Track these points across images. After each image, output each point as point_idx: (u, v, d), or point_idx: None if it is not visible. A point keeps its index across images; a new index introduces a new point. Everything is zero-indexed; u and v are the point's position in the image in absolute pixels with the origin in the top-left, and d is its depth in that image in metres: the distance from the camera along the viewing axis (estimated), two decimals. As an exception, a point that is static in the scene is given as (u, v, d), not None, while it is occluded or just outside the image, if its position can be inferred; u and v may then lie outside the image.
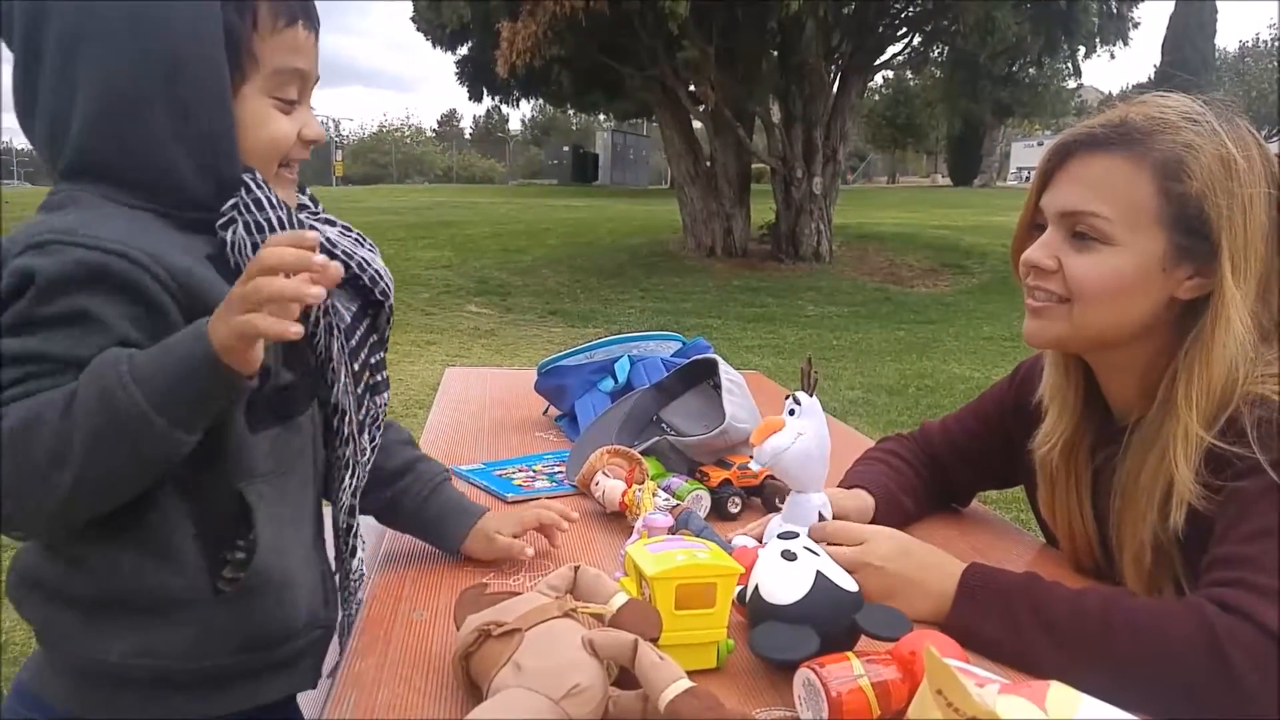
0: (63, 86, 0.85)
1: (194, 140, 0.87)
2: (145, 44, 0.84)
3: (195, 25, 0.85)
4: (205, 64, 0.86)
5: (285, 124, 0.93)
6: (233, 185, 0.89)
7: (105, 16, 0.84)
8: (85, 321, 0.79)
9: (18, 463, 0.75)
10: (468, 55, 14.30)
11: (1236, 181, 1.00)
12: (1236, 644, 0.85)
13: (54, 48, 0.85)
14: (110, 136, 0.85)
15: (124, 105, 0.85)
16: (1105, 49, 12.47)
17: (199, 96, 0.86)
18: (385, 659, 0.94)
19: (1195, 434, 1.00)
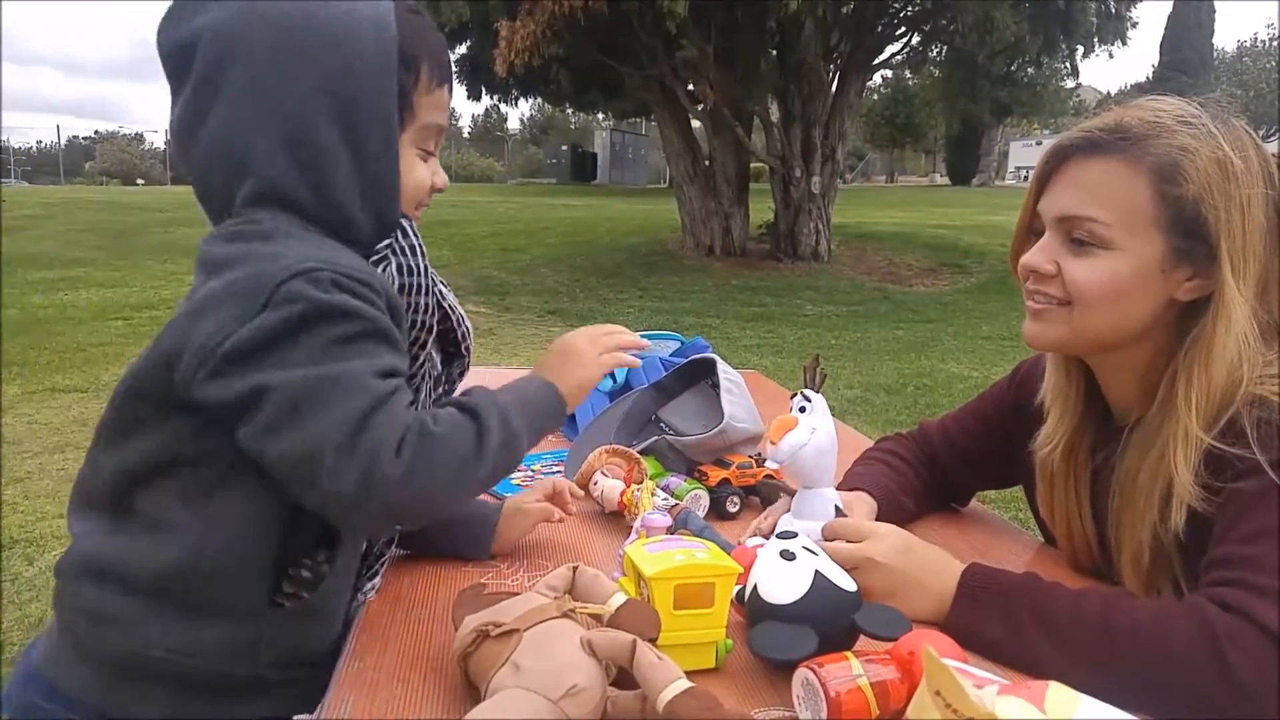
0: (243, 121, 0.91)
1: (366, 182, 0.95)
2: (332, 91, 0.91)
3: (377, 78, 0.93)
4: (382, 114, 0.94)
5: (424, 172, 1.02)
6: (390, 226, 0.98)
7: (294, 63, 0.90)
8: (389, 336, 0.89)
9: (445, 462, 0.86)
10: (466, 54, 14.27)
11: (1233, 183, 1.00)
12: (1237, 644, 0.85)
13: (238, 85, 0.90)
14: (296, 172, 0.92)
15: (309, 145, 0.91)
16: (1104, 49, 12.48)
17: (374, 143, 0.94)
18: (383, 659, 0.94)
19: (1195, 435, 1.00)
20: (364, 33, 0.92)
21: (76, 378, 6.60)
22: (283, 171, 0.91)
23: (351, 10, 0.93)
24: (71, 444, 5.03)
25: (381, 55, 0.93)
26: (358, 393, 0.83)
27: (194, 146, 0.94)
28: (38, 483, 4.41)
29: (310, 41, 0.91)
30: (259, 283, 0.84)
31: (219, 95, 0.91)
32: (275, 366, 0.83)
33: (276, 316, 0.83)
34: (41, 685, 0.95)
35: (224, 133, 0.92)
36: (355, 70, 0.92)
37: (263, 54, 0.90)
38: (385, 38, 0.93)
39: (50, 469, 4.61)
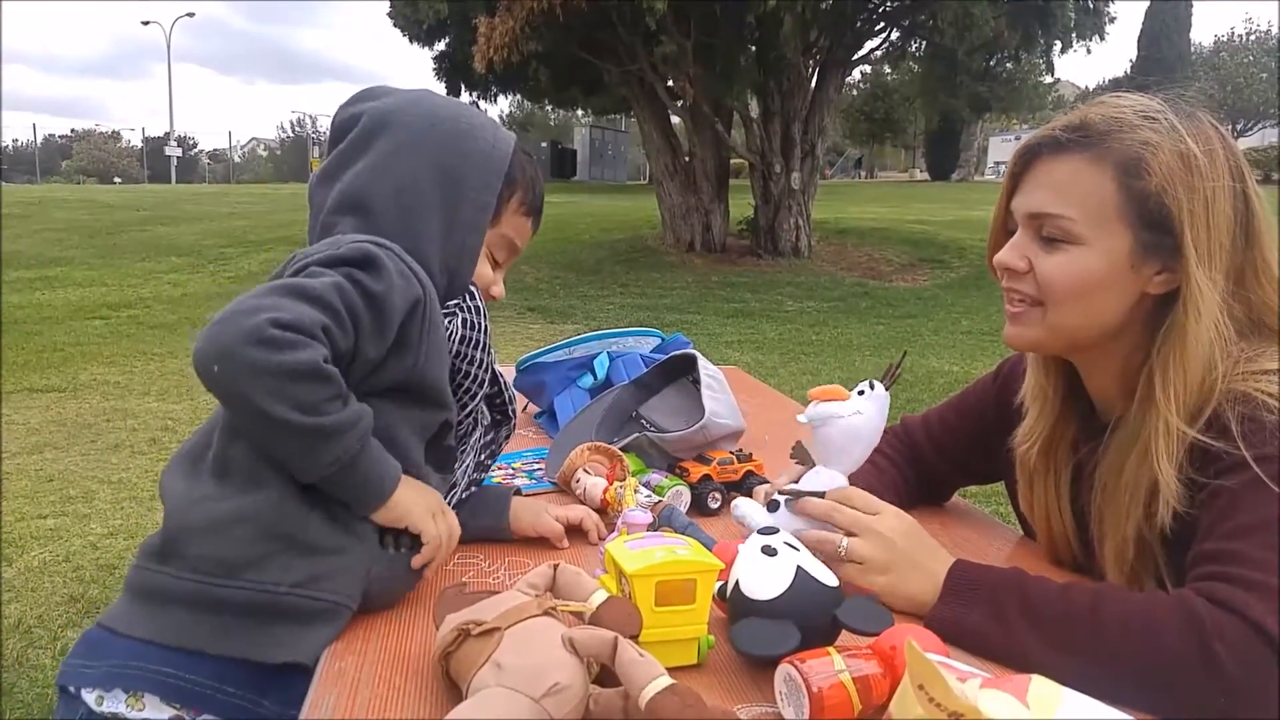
0: (373, 175, 1.10)
1: (450, 247, 1.12)
2: (446, 172, 1.11)
3: (484, 175, 1.14)
4: (479, 202, 1.13)
5: (488, 270, 1.20)
6: (460, 288, 1.14)
7: (430, 144, 1.11)
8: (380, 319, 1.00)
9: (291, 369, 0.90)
10: (445, 51, 14.21)
11: (1197, 176, 1.01)
12: (1225, 639, 0.85)
13: (383, 147, 1.11)
14: (398, 220, 1.09)
15: (416, 204, 1.10)
16: (1081, 44, 12.57)
17: (466, 220, 1.13)
18: (365, 658, 0.94)
19: (1176, 429, 1.00)
20: (485, 141, 1.14)
21: (54, 378, 6.55)
22: (387, 216, 1.09)
23: (486, 125, 1.16)
24: (50, 444, 4.99)
25: (494, 161, 1.14)
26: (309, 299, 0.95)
27: (326, 190, 1.12)
28: (15, 483, 4.36)
29: (445, 133, 1.12)
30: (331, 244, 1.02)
31: (363, 157, 1.11)
32: None
33: None
34: (154, 654, 0.95)
35: (354, 182, 1.10)
36: (469, 162, 1.13)
37: (407, 132, 1.11)
38: (500, 151, 1.15)
39: (28, 469, 4.57)
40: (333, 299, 0.94)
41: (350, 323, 0.96)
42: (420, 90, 1.20)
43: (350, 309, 0.95)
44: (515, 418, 1.30)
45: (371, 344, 0.99)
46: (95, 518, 3.96)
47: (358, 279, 0.97)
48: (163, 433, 5.24)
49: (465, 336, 1.13)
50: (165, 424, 5.41)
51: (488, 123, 1.18)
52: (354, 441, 0.96)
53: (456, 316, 1.12)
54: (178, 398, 6.05)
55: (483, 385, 1.17)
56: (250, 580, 0.95)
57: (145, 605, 0.98)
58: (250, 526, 0.97)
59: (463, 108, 1.18)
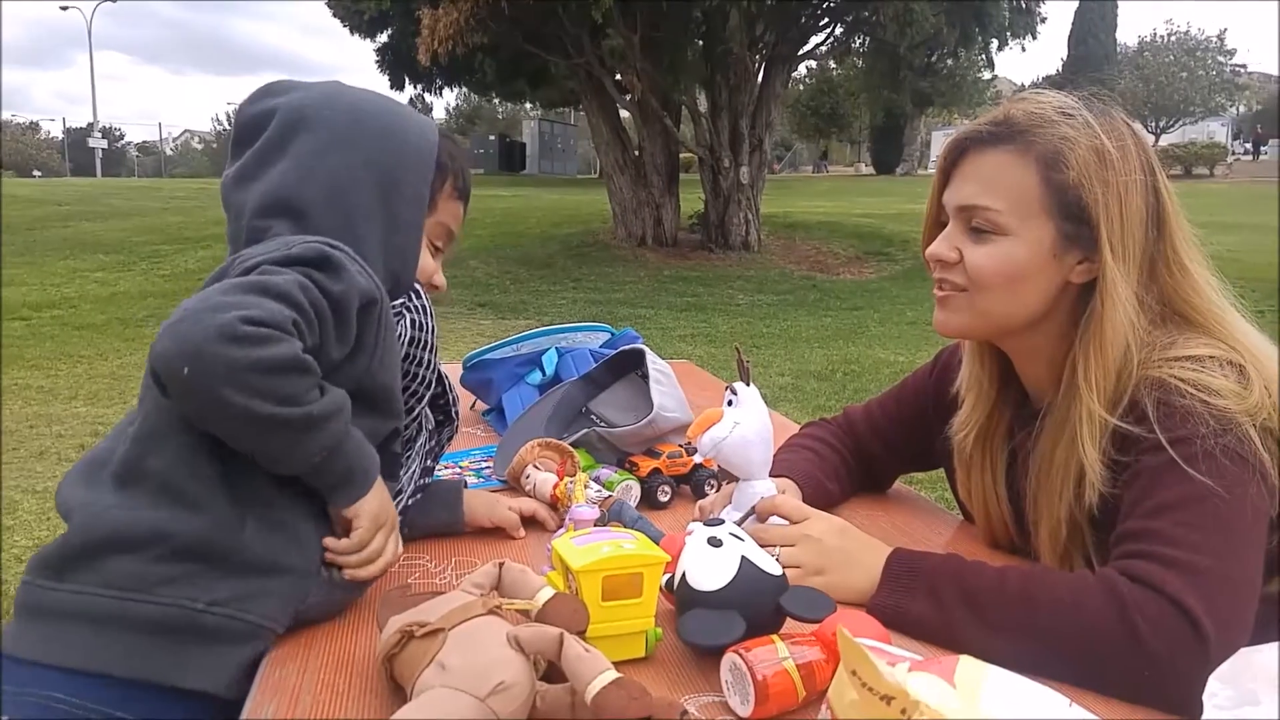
0: (301, 177, 1.05)
1: (392, 249, 1.08)
2: (380, 171, 1.07)
3: (418, 170, 1.11)
4: (416, 199, 1.11)
5: (429, 261, 1.18)
6: (404, 288, 1.11)
7: (358, 142, 1.07)
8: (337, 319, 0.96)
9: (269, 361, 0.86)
10: (388, 43, 14.03)
11: (1111, 170, 1.05)
12: (1145, 614, 0.89)
13: (307, 146, 1.06)
14: (339, 226, 1.04)
15: (354, 207, 1.06)
16: (1016, 42, 12.89)
17: (405, 219, 1.09)
18: (307, 664, 0.92)
19: (1099, 415, 1.04)
20: (412, 132, 1.11)
21: (-29, 382, 6.29)
22: (325, 221, 1.04)
23: (410, 116, 1.14)
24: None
25: (424, 152, 1.11)
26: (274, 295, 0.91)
27: (242, 194, 1.07)
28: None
29: (369, 128, 1.08)
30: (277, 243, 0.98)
31: (284, 156, 1.06)
32: None
33: None
34: (50, 678, 0.89)
35: (279, 186, 1.05)
36: (401, 156, 1.09)
37: (330, 128, 1.06)
38: (428, 141, 1.12)
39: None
40: (298, 296, 0.90)
41: (316, 321, 0.92)
42: (331, 83, 1.15)
43: (314, 306, 0.92)
44: (458, 419, 1.27)
45: (335, 345, 0.95)
46: (20, 529, 3.82)
47: (316, 279, 0.93)
48: (93, 439, 5.07)
49: (413, 338, 1.10)
50: (95, 430, 5.22)
51: (410, 112, 1.15)
52: (340, 426, 0.94)
53: (404, 317, 1.10)
54: (109, 402, 5.85)
55: (429, 387, 1.15)
56: (166, 596, 0.90)
57: (41, 625, 0.91)
58: (172, 542, 0.91)
59: (382, 99, 1.14)
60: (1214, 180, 29.64)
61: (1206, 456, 0.95)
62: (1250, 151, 42.63)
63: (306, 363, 0.89)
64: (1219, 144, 35.83)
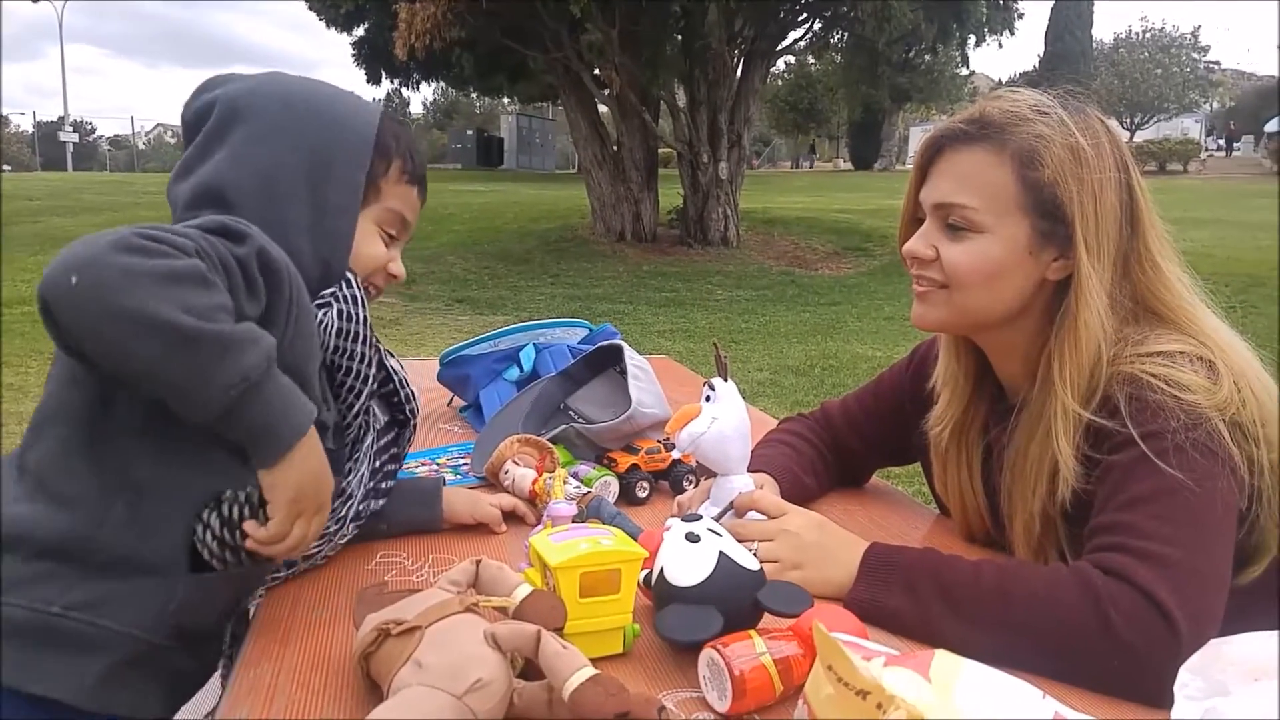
0: (235, 165, 1.03)
1: (321, 234, 1.05)
2: (309, 156, 1.05)
3: (351, 155, 1.07)
4: (349, 184, 1.07)
5: (381, 250, 1.13)
6: (335, 276, 1.07)
7: (289, 128, 1.05)
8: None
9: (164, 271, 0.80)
10: (364, 37, 13.92)
11: (1085, 168, 1.06)
12: (1119, 606, 0.90)
13: (239, 137, 1.04)
14: (263, 212, 1.00)
15: (279, 194, 1.03)
16: (994, 38, 12.98)
17: (335, 205, 1.06)
18: (282, 663, 0.92)
19: (1073, 411, 1.06)
20: (347, 117, 1.08)
21: (-56, 380, 6.19)
22: (249, 209, 1.00)
23: (346, 99, 1.11)
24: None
25: (360, 137, 1.08)
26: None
27: (183, 185, 1.04)
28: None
29: (301, 114, 1.06)
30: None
31: (221, 147, 1.04)
32: None
33: None
34: None
35: (214, 175, 1.03)
36: (334, 140, 1.06)
37: (261, 118, 1.05)
38: (366, 125, 1.09)
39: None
40: (201, 243, 0.84)
41: (221, 268, 0.85)
42: (272, 72, 1.13)
43: (220, 259, 0.86)
44: (417, 416, 1.23)
45: (247, 300, 0.88)
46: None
47: (215, 243, 0.87)
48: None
49: (342, 329, 1.05)
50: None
51: (348, 96, 1.12)
52: (260, 359, 0.82)
53: (331, 308, 1.04)
54: (86, 399, 5.79)
55: (368, 382, 1.09)
56: (24, 598, 0.87)
57: None
58: (35, 540, 0.88)
59: (321, 86, 1.12)
60: (1188, 176, 29.97)
61: (1177, 451, 0.97)
62: (1224, 148, 43.17)
63: (213, 280, 0.82)
64: (1193, 140, 36.23)
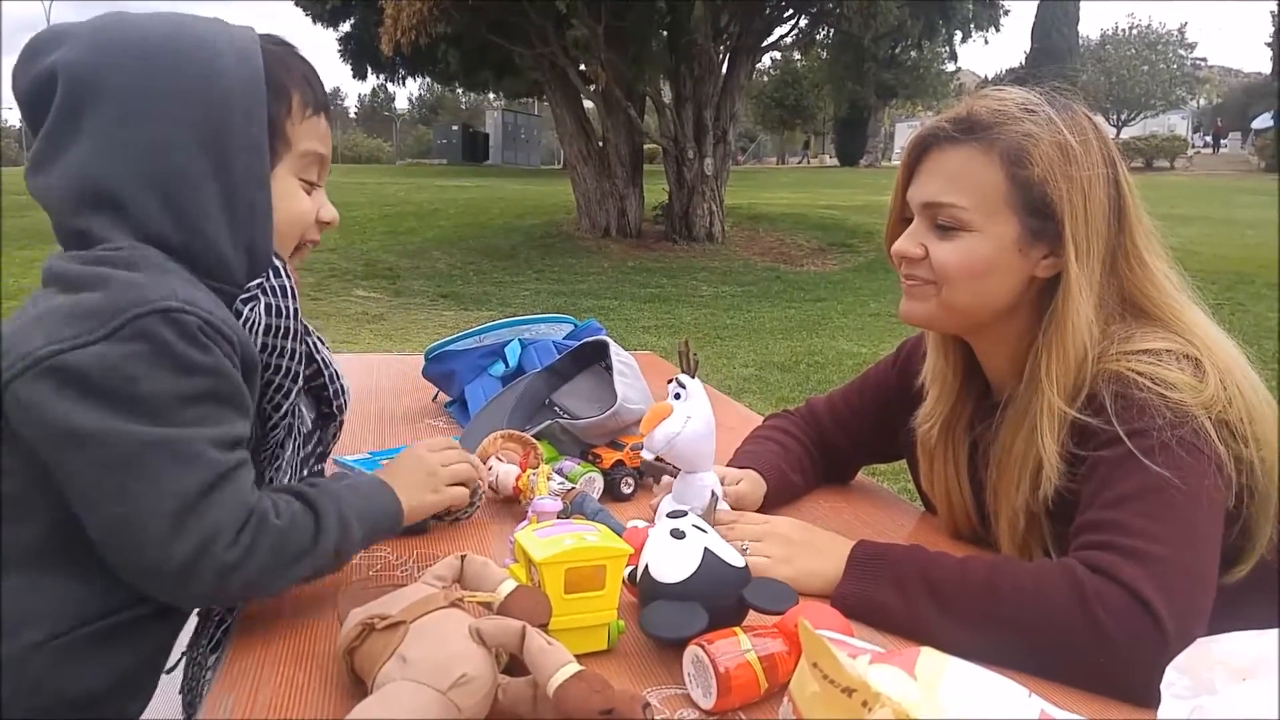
0: (107, 154, 0.88)
1: (237, 215, 0.93)
2: (200, 123, 0.89)
3: (247, 108, 0.91)
4: (252, 145, 0.92)
5: (307, 203, 1.01)
6: (262, 263, 0.96)
7: (164, 94, 0.88)
8: (238, 399, 0.88)
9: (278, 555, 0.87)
10: (350, 32, 13.84)
11: (1074, 165, 1.06)
12: (1105, 603, 0.90)
13: (104, 116, 0.87)
14: (161, 205, 0.89)
15: (178, 178, 0.89)
16: (980, 35, 13.05)
17: (245, 175, 0.92)
18: (266, 658, 0.91)
19: (1058, 409, 1.06)
20: (227, 61, 0.90)
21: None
22: (147, 205, 0.89)
23: (213, 39, 0.91)
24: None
25: (248, 83, 0.91)
26: (197, 465, 0.82)
27: (46, 180, 0.90)
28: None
29: (172, 72, 0.89)
30: (112, 308, 0.81)
31: (80, 129, 0.88)
32: (108, 411, 0.79)
33: (120, 351, 0.80)
34: None
35: (84, 167, 0.88)
36: (220, 99, 0.90)
37: (124, 88, 0.88)
38: (250, 65, 0.92)
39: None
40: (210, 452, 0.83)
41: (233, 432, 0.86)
42: (108, 18, 0.92)
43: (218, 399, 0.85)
44: (345, 411, 1.14)
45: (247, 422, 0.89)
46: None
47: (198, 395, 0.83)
48: None
49: (271, 326, 0.94)
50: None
51: (217, 31, 0.93)
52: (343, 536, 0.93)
53: (258, 302, 0.94)
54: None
55: (298, 380, 1.00)
56: None
57: None
58: None
59: (176, 23, 0.92)
60: (1175, 173, 30.17)
61: (1163, 448, 0.97)
62: (1211, 144, 43.46)
63: (282, 529, 0.87)
64: (1180, 137, 36.48)
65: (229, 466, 0.84)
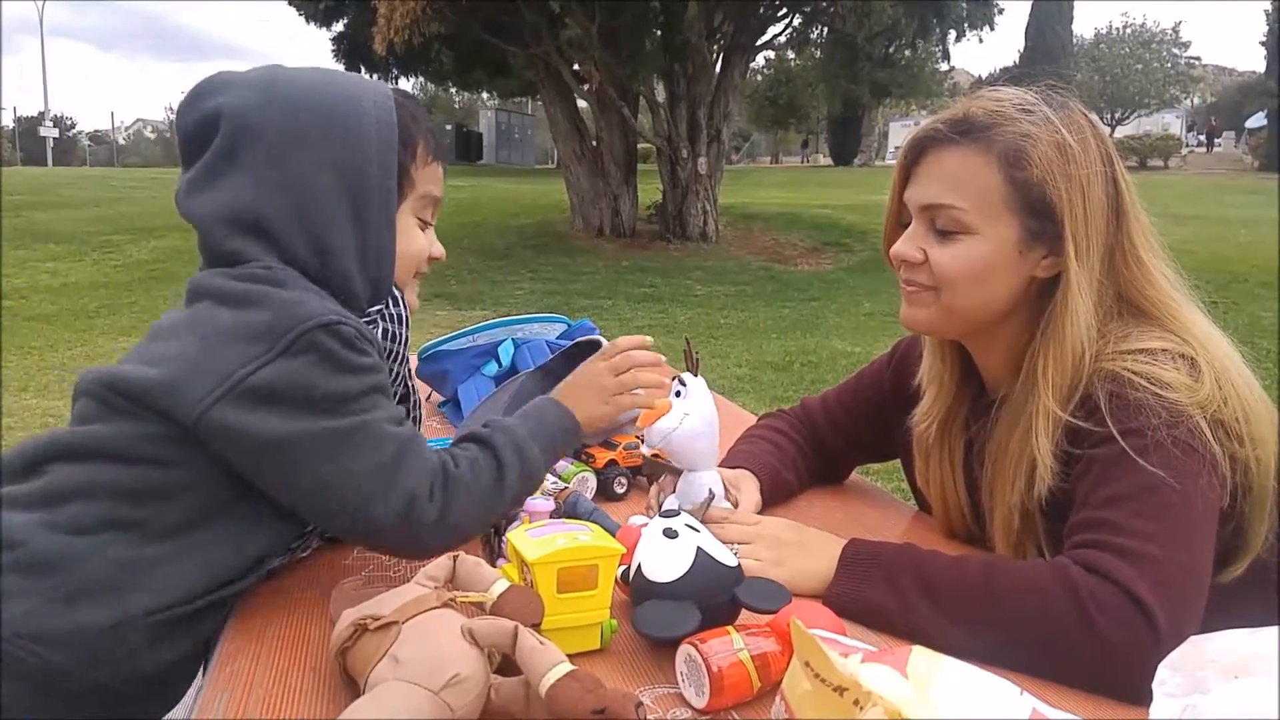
0: (262, 187, 0.99)
1: (367, 253, 1.04)
2: (341, 166, 1.00)
3: (381, 155, 1.02)
4: (384, 190, 1.03)
5: (422, 240, 1.12)
6: (383, 293, 1.08)
7: (312, 140, 0.99)
8: (388, 389, 1.02)
9: (470, 499, 0.99)
10: (343, 32, 13.80)
11: (1073, 165, 1.06)
12: (1099, 602, 0.90)
13: (259, 155, 0.99)
14: (305, 236, 1.00)
15: (319, 213, 1.00)
16: (974, 34, 13.03)
17: (376, 214, 1.03)
18: (259, 658, 0.91)
19: (1054, 411, 1.06)
20: (367, 116, 1.02)
21: (-80, 374, 6.12)
22: (291, 235, 0.99)
23: (358, 95, 1.03)
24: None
25: (384, 136, 1.03)
26: (384, 441, 0.94)
27: (197, 205, 1.01)
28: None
29: (320, 121, 1.00)
30: (281, 326, 0.91)
31: (236, 165, 0.99)
32: (298, 415, 0.91)
33: (298, 364, 0.91)
34: None
35: (238, 197, 0.99)
36: (360, 149, 1.01)
37: (279, 132, 0.99)
38: (386, 121, 1.03)
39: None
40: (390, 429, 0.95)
41: (398, 412, 0.98)
42: (270, 71, 1.05)
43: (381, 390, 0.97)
44: (419, 425, 1.23)
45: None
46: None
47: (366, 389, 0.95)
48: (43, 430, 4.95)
49: (386, 349, 1.07)
50: (45, 422, 5.11)
51: (361, 88, 1.05)
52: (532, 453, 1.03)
53: (377, 326, 1.07)
54: (59, 394, 5.72)
55: (393, 399, 1.10)
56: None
57: None
58: (16, 552, 0.88)
59: (329, 80, 1.05)
60: (1169, 172, 30.20)
61: (1158, 448, 0.97)
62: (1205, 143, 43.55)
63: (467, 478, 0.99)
64: (1173, 136, 36.49)
65: (408, 437, 0.97)
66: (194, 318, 0.97)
